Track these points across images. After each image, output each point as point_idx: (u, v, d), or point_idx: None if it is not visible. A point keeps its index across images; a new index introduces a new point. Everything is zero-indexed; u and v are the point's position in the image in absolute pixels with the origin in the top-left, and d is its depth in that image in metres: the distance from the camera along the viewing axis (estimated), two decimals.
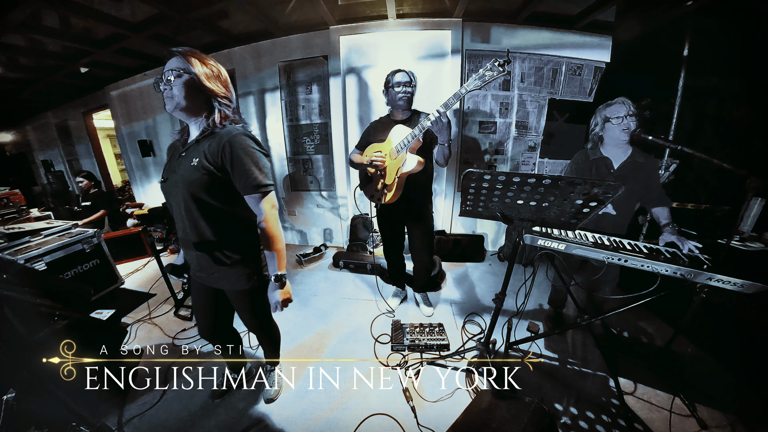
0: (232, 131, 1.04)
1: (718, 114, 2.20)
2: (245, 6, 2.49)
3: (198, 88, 1.03)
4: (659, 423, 1.41)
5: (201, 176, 1.02)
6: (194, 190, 1.03)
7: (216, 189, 1.05)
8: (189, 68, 1.01)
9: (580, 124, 3.04)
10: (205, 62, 1.05)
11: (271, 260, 1.13)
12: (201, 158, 1.02)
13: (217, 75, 1.07)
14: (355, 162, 2.01)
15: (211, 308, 1.38)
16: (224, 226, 1.13)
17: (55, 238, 2.42)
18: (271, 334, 1.55)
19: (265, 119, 3.51)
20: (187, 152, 1.08)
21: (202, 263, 1.18)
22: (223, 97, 1.08)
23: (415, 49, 2.93)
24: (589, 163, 1.71)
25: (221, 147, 1.01)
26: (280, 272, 1.14)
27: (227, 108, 1.09)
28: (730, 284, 1.16)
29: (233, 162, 1.02)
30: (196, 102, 1.04)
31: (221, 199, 1.08)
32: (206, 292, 1.32)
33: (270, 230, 1.11)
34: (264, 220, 1.09)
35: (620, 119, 1.55)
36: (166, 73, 1.00)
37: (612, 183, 1.05)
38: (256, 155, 1.05)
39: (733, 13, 2.07)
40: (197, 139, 1.07)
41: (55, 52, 3.21)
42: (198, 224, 1.09)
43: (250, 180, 1.04)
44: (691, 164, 2.28)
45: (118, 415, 1.52)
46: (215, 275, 1.19)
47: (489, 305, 2.40)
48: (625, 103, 1.56)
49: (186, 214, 1.09)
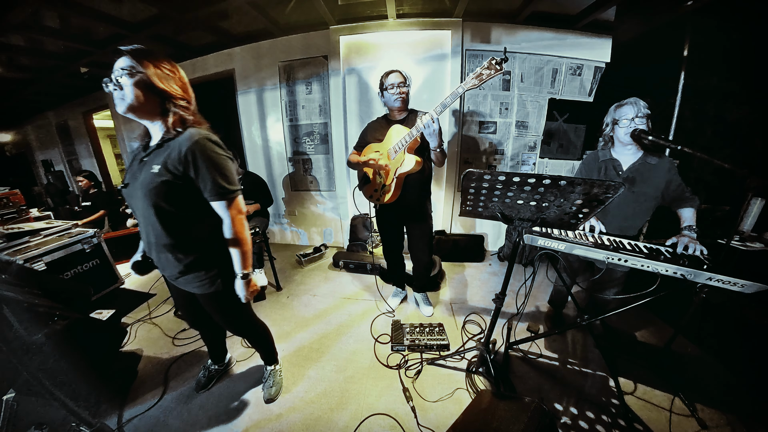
0: (194, 136, 1.00)
1: (718, 114, 2.21)
2: (245, 6, 2.50)
3: (151, 89, 0.98)
4: (659, 423, 1.41)
5: (161, 184, 0.99)
6: (155, 198, 1.01)
7: (178, 196, 1.03)
8: (139, 68, 0.96)
9: (580, 124, 3.04)
10: (158, 63, 1.00)
11: (236, 261, 1.15)
12: (162, 167, 0.99)
13: (172, 76, 1.03)
14: (353, 162, 2.01)
15: (187, 307, 1.40)
16: (187, 232, 1.11)
17: (55, 238, 2.42)
18: (253, 335, 1.54)
19: (265, 119, 3.51)
20: (148, 157, 1.05)
21: (166, 267, 1.17)
22: (180, 98, 1.04)
23: (415, 49, 2.93)
24: (598, 165, 1.68)
25: (183, 154, 0.98)
26: (246, 271, 1.16)
27: (184, 110, 1.05)
28: (730, 284, 1.16)
29: (196, 169, 1.00)
30: (149, 103, 1.00)
31: (183, 205, 1.06)
32: (179, 293, 1.32)
33: (236, 235, 1.12)
34: (230, 225, 1.10)
35: (628, 122, 1.51)
36: (116, 72, 0.95)
37: (612, 182, 1.05)
38: (220, 160, 1.03)
39: (733, 14, 2.07)
40: (158, 144, 1.04)
41: (55, 52, 3.21)
42: (160, 230, 1.06)
43: (215, 187, 1.03)
44: (691, 164, 2.29)
45: (118, 415, 1.52)
46: (180, 280, 1.19)
47: (489, 305, 2.40)
48: (635, 105, 1.50)
49: (148, 220, 1.06)
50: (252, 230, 2.51)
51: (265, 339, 1.59)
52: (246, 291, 1.19)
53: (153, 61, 0.99)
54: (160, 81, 1.00)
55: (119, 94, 0.97)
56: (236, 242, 1.13)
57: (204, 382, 1.67)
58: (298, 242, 4.02)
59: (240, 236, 1.12)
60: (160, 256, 1.14)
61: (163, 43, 3.16)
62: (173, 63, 1.06)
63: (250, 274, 1.18)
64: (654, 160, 1.56)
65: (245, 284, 1.17)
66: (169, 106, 1.03)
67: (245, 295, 1.19)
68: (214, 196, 1.05)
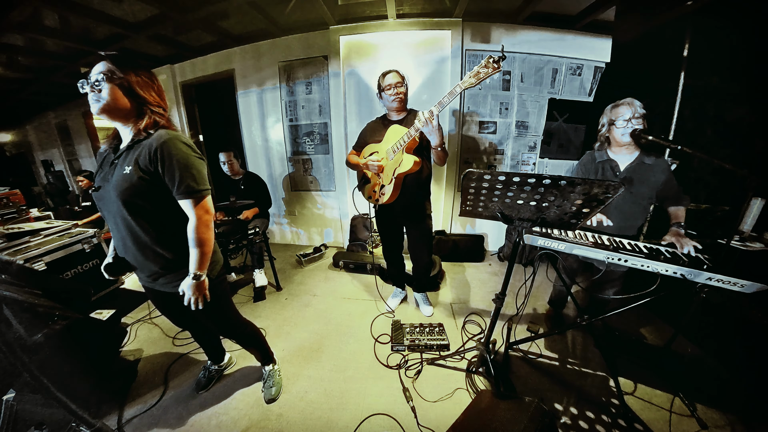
0: (164, 135, 1.02)
1: (718, 114, 2.21)
2: (245, 6, 2.50)
3: (128, 93, 1.01)
4: (659, 423, 1.41)
5: (133, 185, 1.00)
6: (128, 197, 1.01)
7: (151, 194, 1.04)
8: (118, 73, 0.99)
9: (580, 124, 3.04)
10: (137, 70, 1.04)
11: (192, 260, 1.11)
12: (133, 167, 1.00)
13: (150, 84, 1.07)
14: (352, 163, 2.02)
15: (167, 309, 1.38)
16: (162, 232, 1.11)
17: (55, 238, 2.42)
18: (240, 336, 1.51)
19: (265, 119, 3.51)
20: (119, 160, 1.05)
21: (145, 268, 1.17)
22: (156, 105, 1.07)
23: (415, 49, 2.93)
24: (595, 165, 1.68)
25: (153, 151, 1.00)
26: (199, 272, 1.12)
27: (159, 117, 1.07)
28: (730, 284, 1.16)
29: (165, 166, 1.01)
30: (124, 107, 1.02)
31: (157, 203, 1.06)
32: (159, 297, 1.31)
33: (198, 234, 1.09)
34: (194, 223, 1.08)
35: (625, 122, 1.51)
36: (95, 75, 0.98)
37: (612, 182, 1.05)
38: (189, 160, 1.04)
39: (733, 13, 2.07)
40: (129, 145, 1.05)
41: (55, 52, 3.21)
42: (137, 230, 1.07)
43: (182, 185, 1.03)
44: (691, 164, 2.29)
45: (118, 415, 1.52)
46: (160, 280, 1.19)
47: (489, 305, 2.40)
48: (631, 105, 1.51)
49: (122, 222, 1.07)
50: (252, 230, 2.51)
51: (255, 339, 1.57)
52: (193, 292, 1.13)
53: (132, 69, 1.02)
54: (140, 88, 1.03)
55: (94, 96, 0.98)
56: (197, 242, 1.10)
57: (204, 382, 1.67)
58: (298, 242, 4.02)
59: (203, 237, 1.10)
60: (137, 258, 1.13)
61: (163, 43, 3.16)
62: (152, 72, 1.09)
63: (203, 277, 1.14)
64: (650, 160, 1.56)
65: (195, 285, 1.12)
66: (145, 110, 1.05)
67: (191, 295, 1.13)
68: (182, 194, 1.05)
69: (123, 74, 0.99)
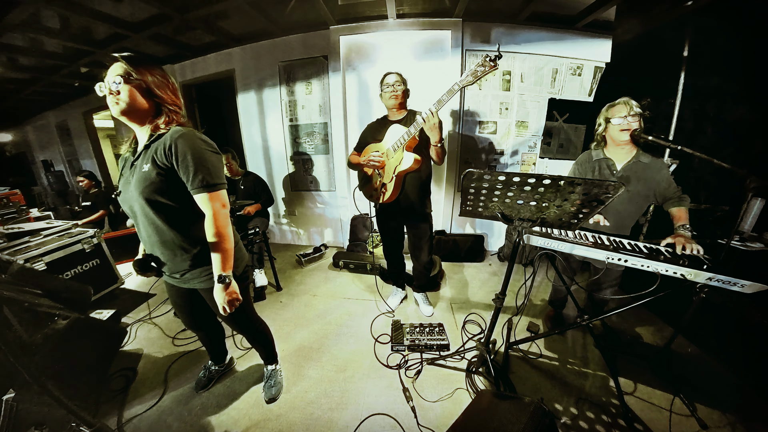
0: (179, 131, 1.03)
1: (718, 114, 2.20)
2: (245, 6, 2.50)
3: (146, 94, 1.02)
4: (659, 423, 1.41)
5: (153, 182, 1.01)
6: (149, 196, 1.03)
7: (171, 189, 1.04)
8: (135, 74, 0.99)
9: (580, 124, 3.04)
10: (152, 70, 1.04)
11: (216, 260, 1.08)
12: (151, 164, 1.02)
13: (165, 83, 1.07)
14: (353, 163, 2.04)
15: (188, 308, 1.39)
16: (186, 227, 1.11)
17: (55, 238, 2.42)
18: (254, 333, 1.54)
19: (266, 119, 3.51)
20: (138, 161, 1.07)
21: (171, 266, 1.17)
22: (172, 104, 1.08)
23: (415, 49, 2.93)
24: (592, 164, 1.69)
25: (168, 146, 1.00)
26: (224, 273, 1.09)
27: (176, 115, 1.09)
28: (730, 284, 1.16)
29: (179, 160, 1.01)
30: (143, 107, 1.03)
31: (178, 199, 1.07)
32: (181, 294, 1.32)
33: (217, 229, 1.07)
34: (211, 218, 1.06)
35: (621, 120, 1.52)
36: (112, 77, 0.98)
37: (612, 182, 1.05)
38: (204, 153, 1.04)
39: (733, 13, 2.07)
40: (146, 145, 1.06)
41: (55, 52, 3.21)
42: (163, 227, 1.08)
43: (197, 178, 1.03)
44: (691, 164, 2.28)
45: (118, 415, 1.51)
46: (186, 276, 1.19)
47: (489, 305, 2.40)
48: (627, 104, 1.52)
49: (146, 220, 1.08)
50: (252, 230, 2.51)
51: (265, 337, 1.59)
52: (223, 297, 1.09)
53: (148, 68, 1.02)
54: (157, 88, 1.03)
55: (113, 98, 0.99)
56: (217, 238, 1.07)
57: (204, 382, 1.67)
58: (298, 242, 4.02)
59: (222, 231, 1.07)
60: (165, 254, 1.15)
61: (163, 43, 3.16)
62: (165, 70, 1.09)
63: (229, 278, 1.10)
64: (647, 159, 1.57)
65: (223, 288, 1.08)
66: (163, 110, 1.06)
67: (222, 303, 1.09)
68: (197, 188, 1.04)
69: (139, 75, 1.00)
